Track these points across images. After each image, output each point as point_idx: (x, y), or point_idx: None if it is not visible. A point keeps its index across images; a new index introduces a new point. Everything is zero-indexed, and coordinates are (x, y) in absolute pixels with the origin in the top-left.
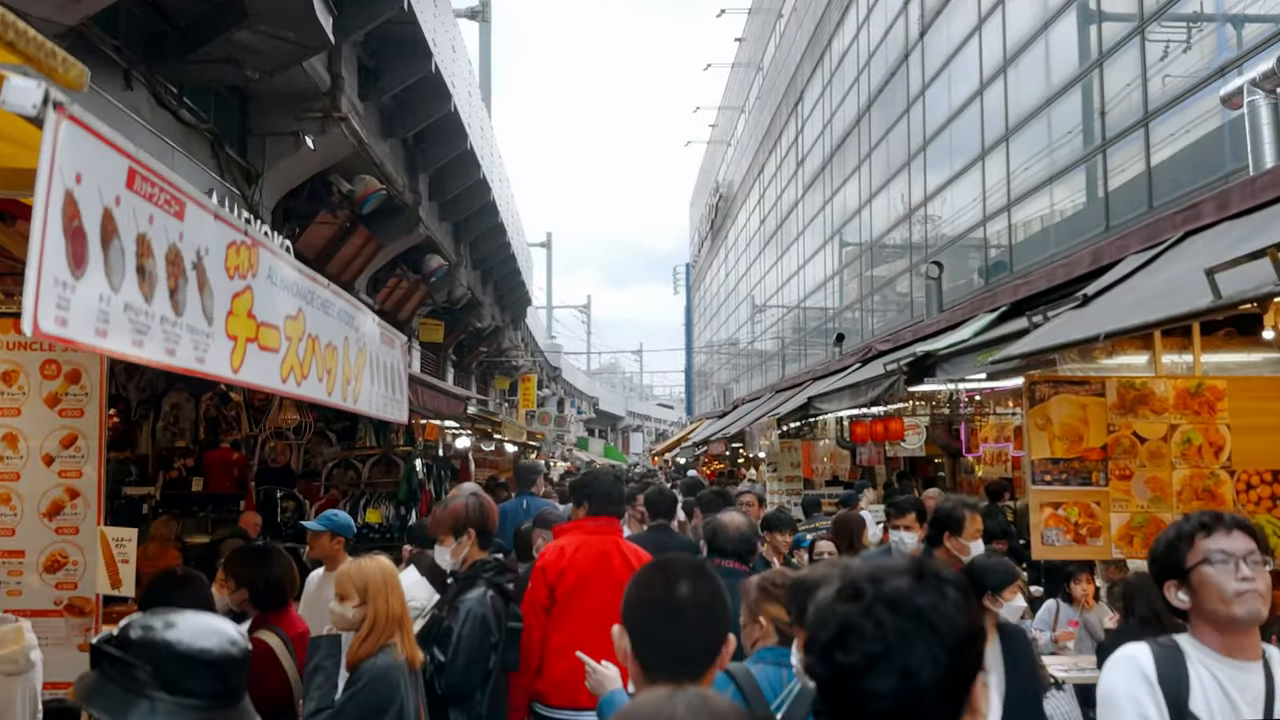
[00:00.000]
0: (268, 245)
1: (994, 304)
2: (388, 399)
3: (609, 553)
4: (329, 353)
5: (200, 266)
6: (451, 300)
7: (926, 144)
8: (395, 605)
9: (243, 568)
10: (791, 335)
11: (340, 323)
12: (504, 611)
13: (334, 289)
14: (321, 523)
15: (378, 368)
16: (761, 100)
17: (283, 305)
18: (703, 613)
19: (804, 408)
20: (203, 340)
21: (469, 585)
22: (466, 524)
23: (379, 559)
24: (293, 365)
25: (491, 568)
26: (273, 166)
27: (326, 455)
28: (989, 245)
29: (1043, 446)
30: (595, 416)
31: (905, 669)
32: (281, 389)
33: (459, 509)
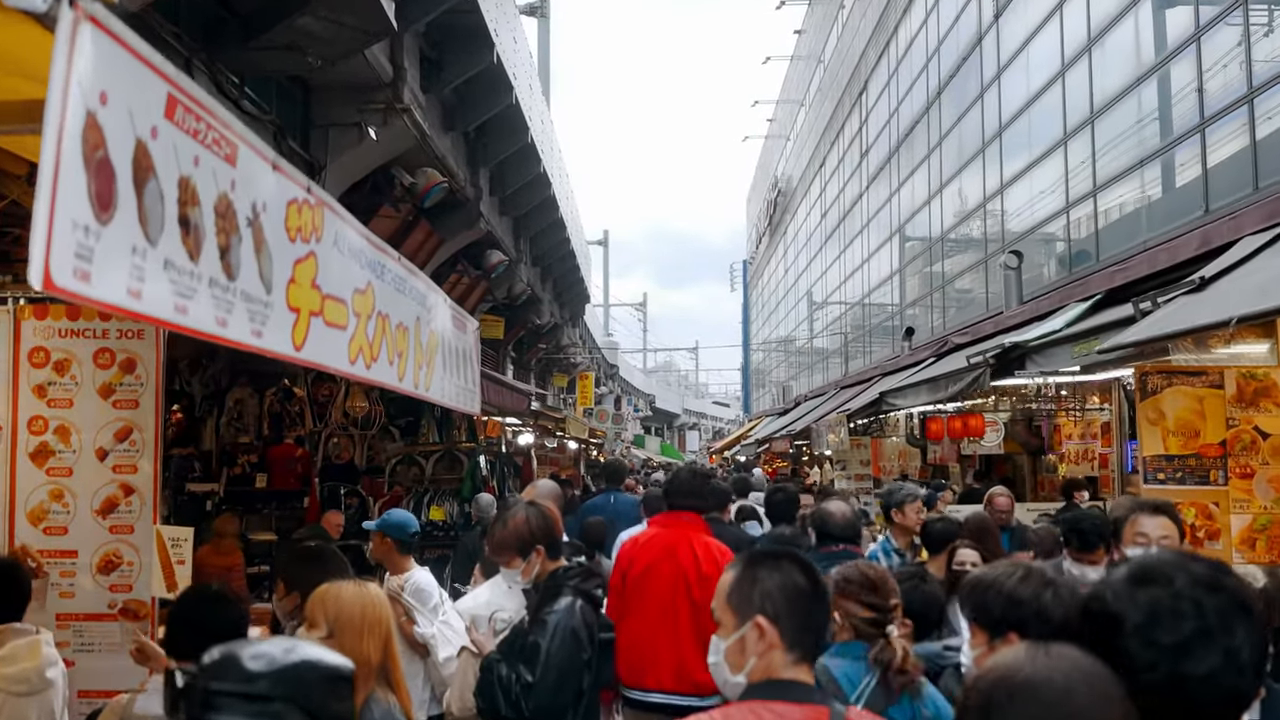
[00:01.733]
0: (334, 206)
1: (1085, 293)
2: (460, 389)
3: (677, 545)
4: (400, 334)
5: (256, 224)
6: (511, 296)
7: (1002, 130)
8: (373, 648)
9: (294, 570)
10: (854, 331)
11: (413, 301)
12: (595, 622)
13: (406, 263)
14: (377, 523)
15: (450, 354)
16: (822, 93)
17: (351, 277)
18: (829, 602)
19: (875, 403)
20: (260, 311)
21: (554, 595)
22: (532, 542)
23: (366, 588)
24: (361, 345)
25: (576, 574)
26: (335, 159)
27: (390, 451)
28: (1072, 233)
29: (1155, 442)
30: (652, 414)
31: (1227, 648)
32: (350, 371)
33: (520, 527)
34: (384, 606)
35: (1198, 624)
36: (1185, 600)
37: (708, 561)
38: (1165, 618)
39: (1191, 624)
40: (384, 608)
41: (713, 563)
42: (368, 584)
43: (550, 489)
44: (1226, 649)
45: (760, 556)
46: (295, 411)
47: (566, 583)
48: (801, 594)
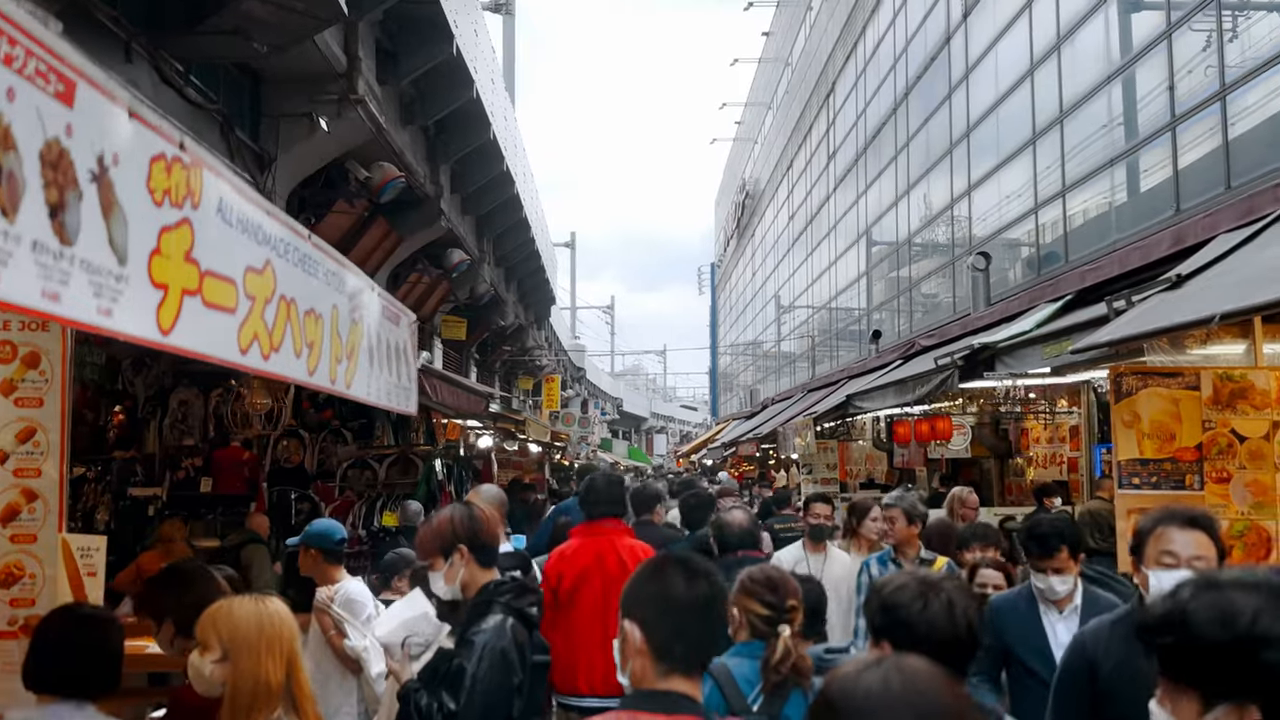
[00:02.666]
0: (218, 169)
1: (1055, 294)
2: (393, 386)
3: (604, 553)
4: (311, 322)
5: (104, 180)
6: (474, 297)
7: (970, 131)
8: (273, 671)
9: (157, 597)
10: (822, 335)
11: (328, 287)
12: (528, 643)
13: (319, 243)
14: (300, 538)
15: (379, 347)
16: (790, 94)
17: (241, 253)
18: (718, 610)
19: (842, 406)
20: (109, 284)
21: (483, 613)
22: (455, 541)
23: (265, 602)
24: (257, 333)
25: (509, 589)
26: (286, 151)
27: (341, 455)
28: (1040, 235)
29: (1130, 446)
30: (619, 418)
31: None
32: (241, 362)
33: (443, 525)
34: (285, 623)
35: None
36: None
37: (634, 564)
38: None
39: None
40: (285, 624)
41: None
42: (267, 599)
43: (494, 494)
44: None
45: (651, 561)
46: (242, 414)
47: (497, 599)
48: (673, 603)
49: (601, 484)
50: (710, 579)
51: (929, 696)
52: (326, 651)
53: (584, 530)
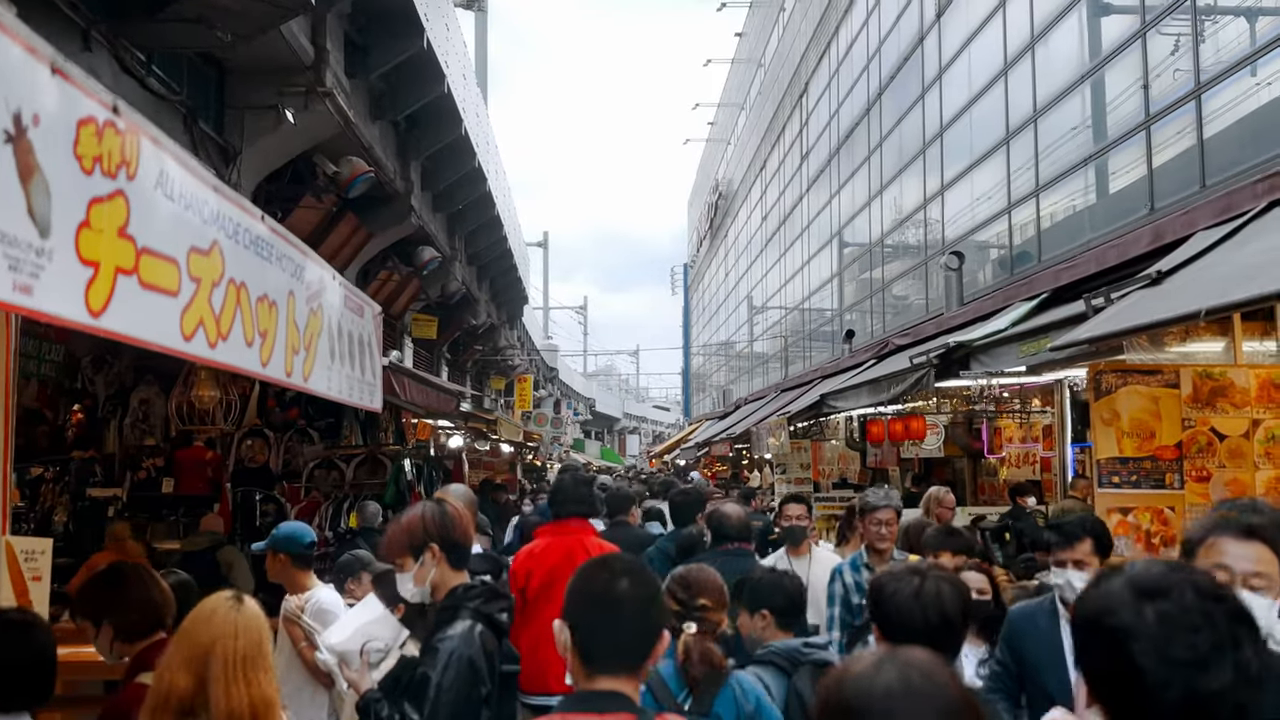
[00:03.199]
0: (158, 137)
1: (1030, 292)
2: (355, 380)
3: (574, 551)
4: (264, 310)
5: (22, 143)
6: (445, 295)
7: (943, 131)
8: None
9: (92, 600)
10: (795, 334)
11: (284, 273)
12: (497, 651)
13: (274, 225)
14: (266, 542)
15: (341, 339)
16: (763, 95)
17: (185, 231)
18: (639, 607)
19: (816, 406)
20: (26, 259)
21: (450, 619)
22: (425, 539)
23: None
24: (202, 318)
25: (478, 594)
26: (252, 144)
27: (308, 455)
28: (1014, 234)
29: (1110, 444)
30: (592, 418)
31: (1237, 662)
32: (184, 349)
33: (414, 522)
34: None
35: (1212, 637)
36: (1196, 613)
37: None
38: (1180, 632)
39: (1206, 637)
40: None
41: None
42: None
43: (463, 494)
44: (1237, 663)
45: (585, 563)
46: (205, 412)
47: (465, 604)
48: (594, 602)
49: (569, 484)
50: (633, 578)
51: (948, 692)
52: (296, 663)
53: (551, 530)
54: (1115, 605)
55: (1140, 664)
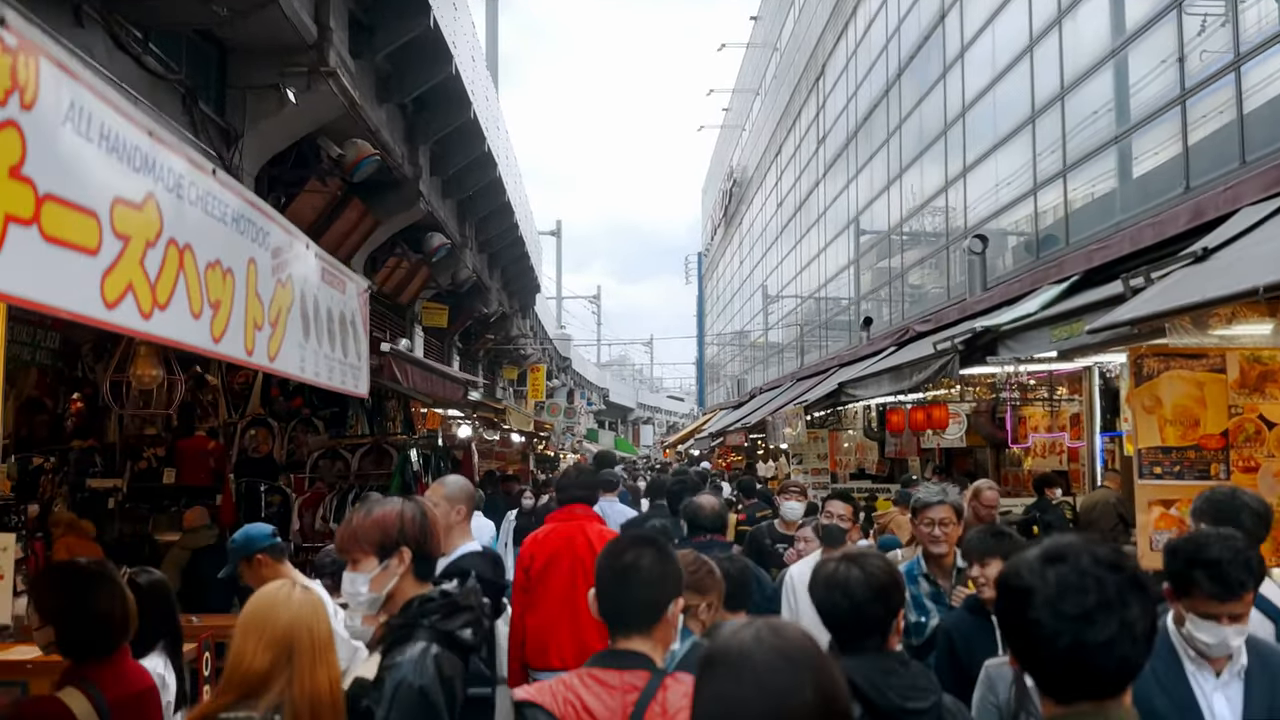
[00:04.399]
0: (67, 63)
1: (1060, 275)
2: (336, 363)
3: (574, 536)
4: (215, 277)
5: None
6: (456, 283)
7: (965, 111)
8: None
9: (48, 595)
10: (810, 323)
11: (242, 236)
12: (460, 674)
13: (228, 182)
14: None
15: (318, 316)
16: (779, 79)
17: (108, 179)
18: (645, 576)
19: (834, 394)
20: None
21: (402, 639)
22: (400, 541)
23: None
24: (133, 283)
25: (437, 607)
26: (254, 127)
27: (312, 445)
28: (1039, 217)
29: (1152, 433)
30: (605, 408)
31: (1124, 620)
32: (106, 319)
33: (390, 518)
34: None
35: (1099, 597)
36: (1089, 576)
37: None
38: (1071, 592)
39: (1094, 597)
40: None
41: None
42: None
43: (460, 486)
44: (1123, 620)
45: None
46: (208, 401)
47: (420, 621)
48: (604, 573)
49: (573, 472)
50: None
51: (795, 644)
52: None
53: (556, 515)
54: (1024, 569)
55: (1036, 617)
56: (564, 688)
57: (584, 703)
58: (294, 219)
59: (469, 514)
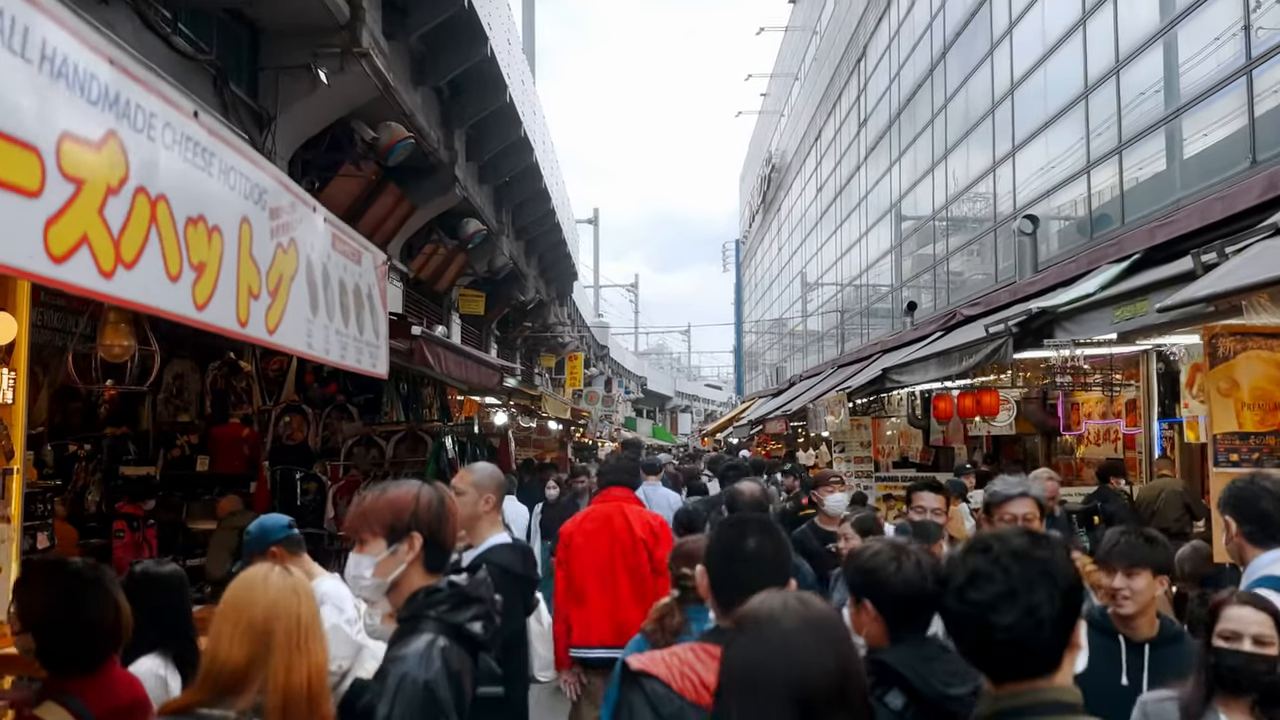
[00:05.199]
0: None
1: (1119, 253)
2: (350, 340)
3: (612, 515)
4: (199, 236)
5: None
6: (492, 270)
7: (1014, 88)
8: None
9: (31, 598)
10: (852, 310)
11: (233, 192)
12: (469, 670)
13: (215, 129)
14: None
15: (329, 288)
16: (818, 62)
17: (55, 110)
18: (764, 558)
19: (878, 380)
20: None
21: (408, 631)
22: (411, 525)
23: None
24: (88, 234)
25: (443, 598)
26: (287, 109)
27: (347, 432)
28: (1092, 196)
29: (1228, 417)
30: (643, 397)
31: (1028, 606)
32: (53, 275)
33: (404, 500)
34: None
35: (1005, 586)
36: (998, 566)
37: (640, 525)
38: (980, 580)
39: (999, 585)
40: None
41: (645, 526)
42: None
43: (490, 474)
44: (1027, 607)
45: (722, 522)
46: (242, 388)
47: (427, 612)
48: (718, 553)
49: (613, 459)
50: (764, 536)
51: (820, 614)
52: None
53: (600, 498)
54: (951, 561)
55: (947, 604)
56: (678, 660)
57: (700, 677)
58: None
59: (498, 503)
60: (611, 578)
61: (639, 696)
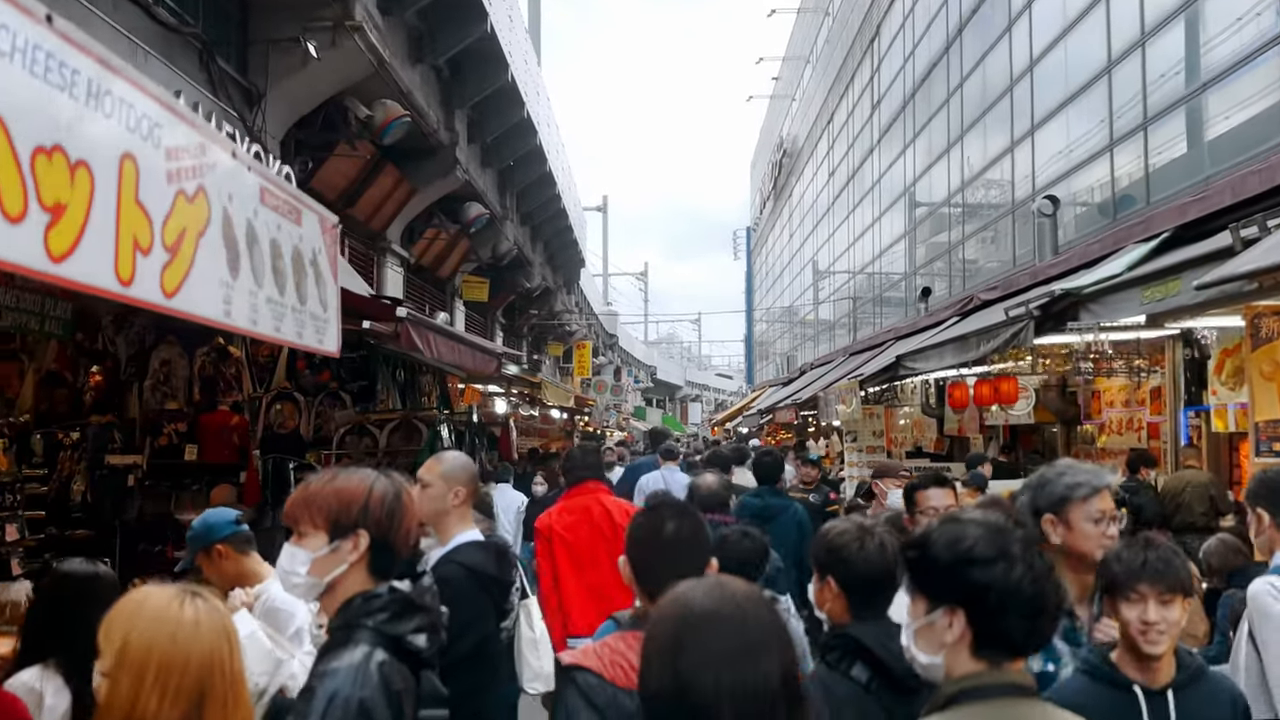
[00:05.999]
0: None
1: (1147, 232)
2: (289, 310)
3: (589, 506)
4: (52, 171)
5: None
6: (496, 256)
7: (1034, 65)
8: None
9: None
10: (864, 297)
11: (110, 120)
12: (411, 690)
13: (73, 34)
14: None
15: (255, 249)
16: (831, 43)
17: None
18: (684, 543)
19: (891, 368)
20: None
21: (341, 643)
22: (360, 520)
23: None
24: None
25: (385, 605)
26: (277, 85)
27: (339, 420)
28: (1115, 176)
29: (1270, 402)
30: (653, 386)
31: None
32: None
33: (355, 490)
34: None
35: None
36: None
37: (619, 514)
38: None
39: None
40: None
41: (624, 514)
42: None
43: (460, 465)
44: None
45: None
46: (232, 374)
47: (363, 621)
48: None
49: (578, 454)
50: (682, 520)
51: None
52: None
53: (570, 493)
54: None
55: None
56: (608, 650)
57: (632, 663)
58: (324, 186)
59: (469, 497)
60: (594, 567)
61: (572, 690)
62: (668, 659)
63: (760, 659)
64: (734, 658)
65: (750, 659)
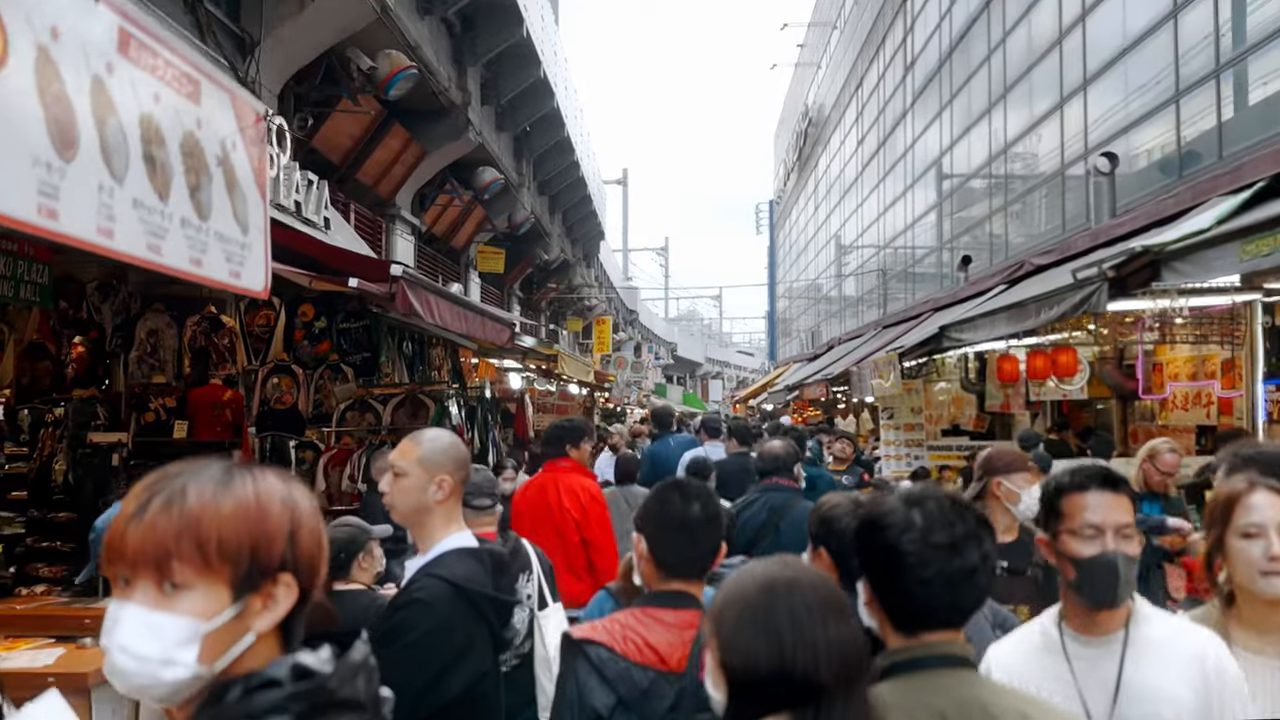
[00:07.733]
0: None
1: (1236, 183)
2: (167, 222)
3: (546, 486)
4: None
5: None
6: (513, 225)
7: (1086, 13)
8: None
9: None
10: (895, 269)
11: None
12: None
13: None
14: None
15: (131, 139)
16: (860, 4)
17: None
18: (700, 525)
19: (933, 339)
20: None
21: None
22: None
23: None
24: None
25: (276, 704)
26: (272, 33)
27: (339, 395)
28: (1181, 129)
29: None
30: (673, 363)
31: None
32: None
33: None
34: None
35: (963, 530)
36: (950, 514)
37: (568, 495)
38: (939, 526)
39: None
40: None
41: (573, 496)
42: None
43: (444, 447)
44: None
45: (657, 486)
46: (225, 345)
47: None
48: (659, 520)
49: (552, 430)
50: (702, 501)
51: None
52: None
53: (544, 469)
54: (889, 510)
55: (906, 549)
56: (619, 626)
57: (645, 639)
58: (326, 145)
59: (456, 488)
60: (544, 543)
61: (582, 662)
62: (759, 626)
63: (847, 617)
64: (824, 617)
65: (839, 617)
